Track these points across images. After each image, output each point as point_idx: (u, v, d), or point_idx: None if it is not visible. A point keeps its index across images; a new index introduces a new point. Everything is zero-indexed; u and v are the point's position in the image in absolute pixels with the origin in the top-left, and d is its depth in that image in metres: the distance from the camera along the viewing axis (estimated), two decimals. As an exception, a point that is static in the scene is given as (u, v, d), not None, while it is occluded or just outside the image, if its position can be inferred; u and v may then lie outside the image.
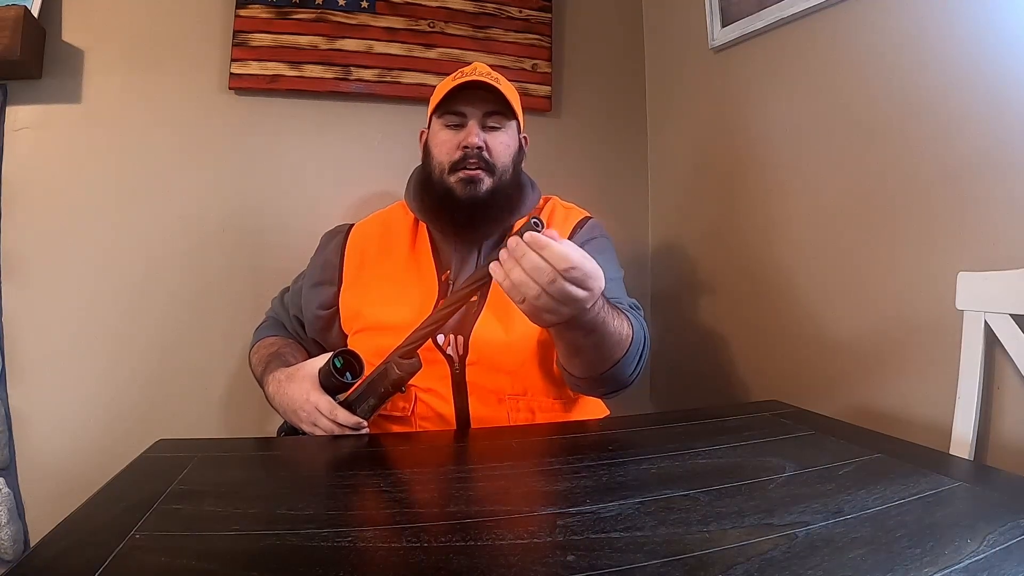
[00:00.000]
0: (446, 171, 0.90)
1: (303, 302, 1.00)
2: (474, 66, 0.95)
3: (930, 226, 0.93)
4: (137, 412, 1.24)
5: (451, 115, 0.91)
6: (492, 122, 0.91)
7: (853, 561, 0.42)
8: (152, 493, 0.55)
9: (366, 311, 0.91)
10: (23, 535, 1.16)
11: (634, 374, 0.82)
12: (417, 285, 0.92)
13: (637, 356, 0.80)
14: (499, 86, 0.90)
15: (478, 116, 0.90)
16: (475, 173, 0.89)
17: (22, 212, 1.20)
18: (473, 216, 0.90)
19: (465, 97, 0.90)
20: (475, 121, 0.90)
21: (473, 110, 0.90)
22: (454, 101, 0.90)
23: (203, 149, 1.31)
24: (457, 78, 0.91)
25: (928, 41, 0.94)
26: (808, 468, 0.62)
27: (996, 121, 0.84)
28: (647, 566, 0.42)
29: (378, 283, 0.93)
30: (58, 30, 1.23)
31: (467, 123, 0.90)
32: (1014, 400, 0.82)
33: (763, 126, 1.26)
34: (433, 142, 0.94)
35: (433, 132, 0.94)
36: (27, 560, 0.44)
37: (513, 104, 0.92)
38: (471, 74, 0.91)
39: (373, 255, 0.96)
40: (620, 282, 0.95)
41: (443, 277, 0.92)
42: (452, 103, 0.90)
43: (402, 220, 0.99)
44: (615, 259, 0.98)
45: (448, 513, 0.54)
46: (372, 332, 0.89)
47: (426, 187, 0.94)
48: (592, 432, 0.77)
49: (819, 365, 1.12)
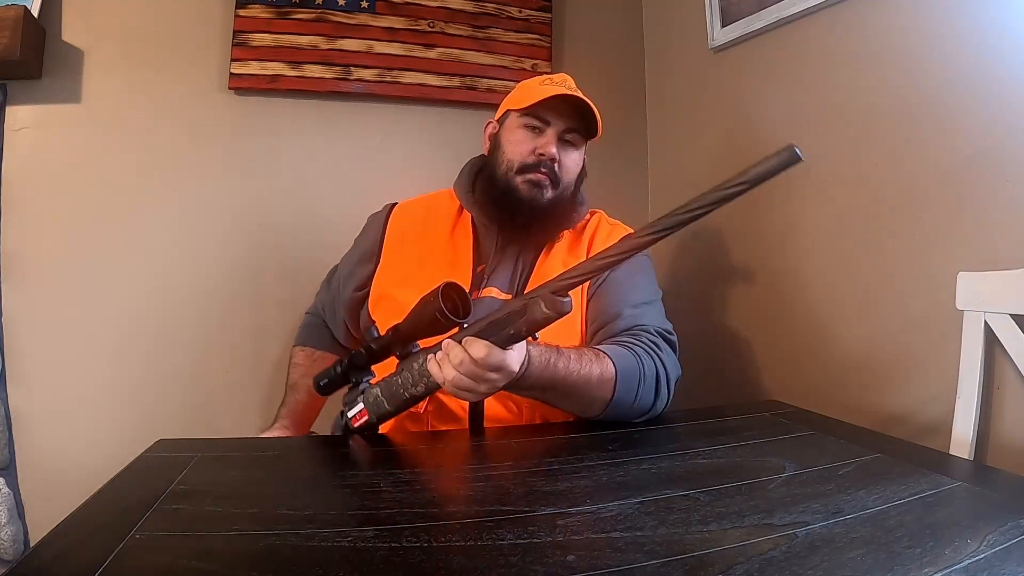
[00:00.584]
0: (514, 170, 0.91)
1: (340, 286, 1.02)
2: (563, 77, 0.96)
3: (930, 226, 0.93)
4: (137, 412, 1.24)
5: (535, 119, 0.92)
6: (570, 138, 0.92)
7: (853, 561, 0.42)
8: (152, 493, 0.55)
9: (393, 292, 0.91)
10: (23, 535, 1.16)
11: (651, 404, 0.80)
12: (449, 272, 0.91)
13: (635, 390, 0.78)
14: (591, 106, 0.90)
15: (559, 129, 0.91)
16: (543, 178, 0.90)
17: (22, 212, 1.20)
18: (530, 220, 0.91)
19: (553, 106, 0.90)
20: (555, 132, 0.91)
21: (558, 122, 0.91)
22: (542, 107, 0.90)
23: (203, 149, 1.31)
24: (546, 84, 0.92)
25: (928, 41, 0.94)
26: (808, 468, 0.61)
27: (996, 121, 0.84)
28: (647, 566, 0.42)
29: (411, 264, 0.94)
30: (58, 30, 1.23)
31: (546, 131, 0.91)
32: (1014, 400, 0.82)
33: (763, 126, 1.26)
34: (508, 139, 0.94)
35: (508, 129, 0.94)
36: (27, 560, 0.44)
37: (597, 127, 0.92)
38: (561, 85, 0.91)
39: (413, 235, 0.97)
40: (655, 306, 0.92)
41: (479, 269, 0.93)
42: (540, 108, 0.91)
43: (447, 206, 0.99)
44: (652, 280, 0.96)
45: (448, 513, 0.54)
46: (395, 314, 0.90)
47: (488, 180, 0.95)
48: (592, 432, 0.77)
49: (819, 365, 1.12)
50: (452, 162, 1.05)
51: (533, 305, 0.62)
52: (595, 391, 0.75)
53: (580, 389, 0.74)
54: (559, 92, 0.89)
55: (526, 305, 0.63)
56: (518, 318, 0.63)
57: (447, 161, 1.25)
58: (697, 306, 1.45)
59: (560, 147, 0.91)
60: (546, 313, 0.62)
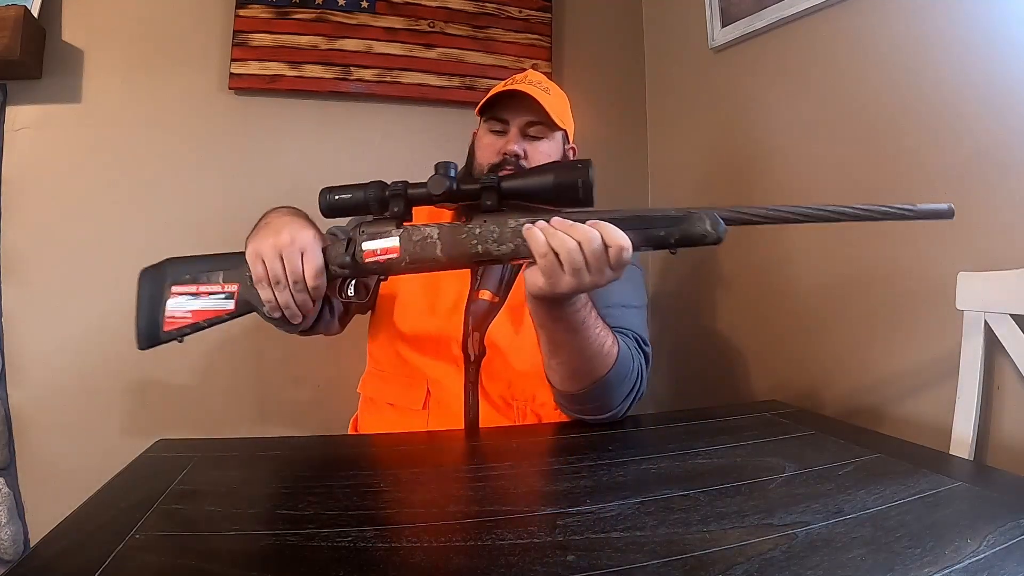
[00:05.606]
0: (485, 172, 0.91)
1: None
2: (526, 73, 0.95)
3: (930, 226, 0.92)
4: (137, 412, 1.24)
5: (495, 121, 0.92)
6: (533, 132, 0.92)
7: (853, 561, 0.42)
8: (152, 493, 0.55)
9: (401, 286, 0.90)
10: (23, 535, 1.16)
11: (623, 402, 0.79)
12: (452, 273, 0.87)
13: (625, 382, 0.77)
14: (545, 96, 0.89)
15: (520, 124, 0.91)
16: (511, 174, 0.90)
17: (22, 212, 1.20)
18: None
19: (509, 104, 0.90)
20: (516, 129, 0.91)
21: (515, 118, 0.91)
22: (498, 107, 0.91)
23: (203, 149, 1.31)
24: (507, 84, 0.92)
25: (928, 41, 0.94)
26: (808, 468, 0.62)
27: (996, 121, 0.84)
28: (647, 566, 0.42)
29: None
30: (58, 30, 1.23)
31: (508, 130, 0.91)
32: (1014, 400, 0.82)
33: (763, 126, 1.26)
34: (477, 144, 0.96)
35: (479, 134, 0.97)
36: (27, 560, 0.44)
37: (555, 116, 0.90)
38: (521, 82, 0.91)
39: None
40: (640, 312, 0.91)
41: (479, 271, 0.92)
42: (496, 109, 0.91)
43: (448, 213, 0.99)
44: (642, 288, 0.96)
45: (448, 513, 0.54)
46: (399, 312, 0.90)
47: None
48: (592, 432, 0.77)
49: (819, 365, 1.12)
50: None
51: (696, 218, 0.58)
52: (597, 360, 0.74)
53: (589, 350, 0.72)
54: (508, 88, 0.89)
55: (688, 214, 0.58)
56: (671, 224, 0.58)
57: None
58: (696, 306, 1.45)
59: (525, 142, 0.91)
60: (707, 231, 0.58)
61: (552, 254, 0.60)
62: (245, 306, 0.69)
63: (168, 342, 0.70)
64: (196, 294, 0.69)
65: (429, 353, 0.88)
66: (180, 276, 0.70)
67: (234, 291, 0.69)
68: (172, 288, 0.69)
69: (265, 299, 0.68)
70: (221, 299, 0.69)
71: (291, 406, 1.34)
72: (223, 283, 0.69)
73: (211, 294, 0.69)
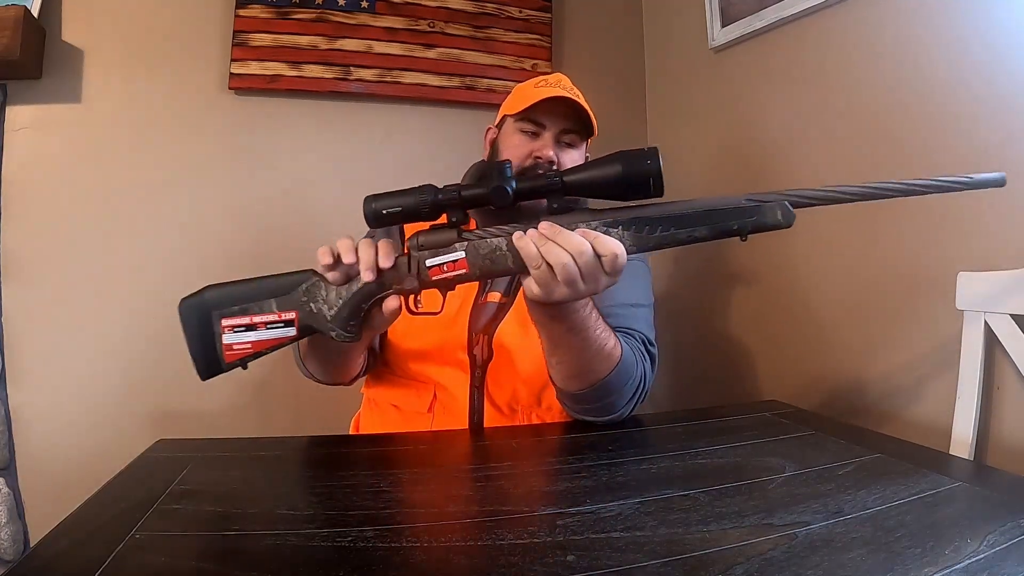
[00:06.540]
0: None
1: None
2: (558, 78, 0.94)
3: (930, 226, 0.93)
4: (137, 412, 1.24)
5: (530, 123, 0.90)
6: (567, 139, 0.91)
7: (853, 561, 0.42)
8: (152, 493, 0.55)
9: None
10: (23, 535, 1.16)
11: (626, 405, 0.79)
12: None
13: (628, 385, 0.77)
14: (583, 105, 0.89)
15: (555, 131, 0.90)
16: None
17: (22, 212, 1.20)
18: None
19: (547, 108, 0.89)
20: (552, 135, 0.90)
21: (553, 124, 0.89)
22: (536, 110, 0.89)
23: (203, 149, 1.31)
24: (540, 86, 0.90)
25: (928, 40, 0.94)
26: (808, 468, 0.61)
27: (996, 121, 0.84)
28: (647, 566, 0.42)
29: None
30: (58, 30, 1.23)
31: (543, 134, 0.90)
32: (1014, 400, 0.82)
33: (763, 126, 1.26)
34: (505, 143, 0.93)
35: (506, 134, 0.94)
36: (27, 560, 0.44)
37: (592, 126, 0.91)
38: (555, 85, 0.90)
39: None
40: (647, 312, 0.91)
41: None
42: (534, 112, 0.89)
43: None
44: (649, 286, 0.95)
45: (448, 513, 0.54)
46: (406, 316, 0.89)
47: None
48: (592, 432, 0.77)
49: (819, 365, 1.12)
50: (452, 162, 1.05)
51: (768, 208, 0.58)
52: (597, 361, 0.73)
53: (590, 350, 0.72)
54: (552, 94, 0.88)
55: (759, 205, 0.58)
56: (744, 216, 0.58)
57: (447, 161, 1.25)
58: (697, 306, 1.45)
59: (558, 149, 0.90)
60: (778, 221, 0.58)
61: (546, 265, 0.59)
62: (308, 331, 0.67)
63: (231, 370, 0.67)
64: (252, 325, 0.66)
65: (435, 362, 0.88)
66: (226, 307, 0.67)
67: (292, 318, 0.66)
68: (223, 322, 0.66)
69: (333, 279, 0.66)
70: (280, 328, 0.66)
71: (291, 406, 1.34)
72: (279, 311, 0.66)
73: (268, 325, 0.67)
